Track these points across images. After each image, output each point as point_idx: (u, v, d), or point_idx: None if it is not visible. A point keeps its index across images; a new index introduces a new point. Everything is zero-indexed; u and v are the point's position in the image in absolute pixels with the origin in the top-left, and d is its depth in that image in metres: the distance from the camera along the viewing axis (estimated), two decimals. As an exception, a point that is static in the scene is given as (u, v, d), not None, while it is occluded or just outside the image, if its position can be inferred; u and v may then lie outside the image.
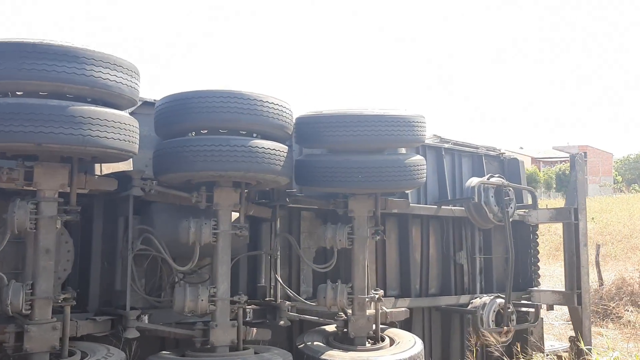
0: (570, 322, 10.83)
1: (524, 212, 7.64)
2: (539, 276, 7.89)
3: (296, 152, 5.47)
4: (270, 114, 4.42)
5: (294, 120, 4.80)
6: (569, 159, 8.03)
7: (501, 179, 7.11)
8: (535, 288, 7.68)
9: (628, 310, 10.37)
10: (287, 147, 4.59)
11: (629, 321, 10.04)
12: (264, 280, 5.54)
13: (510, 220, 7.30)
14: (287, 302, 5.18)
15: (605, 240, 20.70)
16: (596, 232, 22.62)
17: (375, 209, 5.29)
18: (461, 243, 7.41)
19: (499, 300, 6.80)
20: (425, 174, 5.14)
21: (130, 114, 5.20)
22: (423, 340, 6.90)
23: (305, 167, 4.92)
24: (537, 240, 7.92)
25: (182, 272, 4.91)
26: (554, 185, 61.12)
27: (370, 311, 5.25)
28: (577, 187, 7.26)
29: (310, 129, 4.84)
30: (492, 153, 8.02)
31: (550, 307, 7.60)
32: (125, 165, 4.92)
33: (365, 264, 5.19)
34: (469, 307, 6.86)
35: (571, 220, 7.20)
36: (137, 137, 4.11)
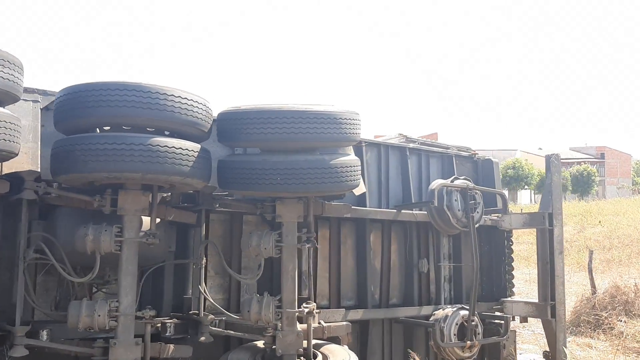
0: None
1: (497, 216, 7.14)
2: (513, 285, 7.36)
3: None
4: (177, 109, 3.98)
5: (211, 117, 4.35)
6: (585, 160, 7.51)
7: (467, 181, 6.60)
8: (508, 298, 7.14)
9: (621, 321, 9.76)
10: (199, 146, 4.14)
11: (621, 332, 9.44)
12: (191, 291, 5.09)
13: (479, 225, 6.81)
14: (211, 316, 4.74)
15: (612, 244, 19.98)
16: (604, 235, 21.89)
17: (307, 214, 4.83)
18: (427, 250, 6.91)
19: (462, 312, 6.29)
20: (359, 177, 4.66)
21: (43, 109, 4.83)
22: (382, 354, 6.46)
23: (225, 169, 4.46)
24: (512, 246, 7.38)
25: (93, 283, 4.53)
26: (570, 187, 60.06)
27: (302, 326, 4.79)
28: (552, 191, 6.74)
29: (229, 126, 4.38)
30: (463, 153, 7.51)
31: (524, 319, 7.06)
32: (32, 166, 4.51)
33: (295, 274, 4.72)
34: (431, 319, 6.35)
35: (545, 226, 6.67)
36: (18, 134, 3.69)
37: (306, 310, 4.69)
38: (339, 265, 6.26)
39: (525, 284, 15.38)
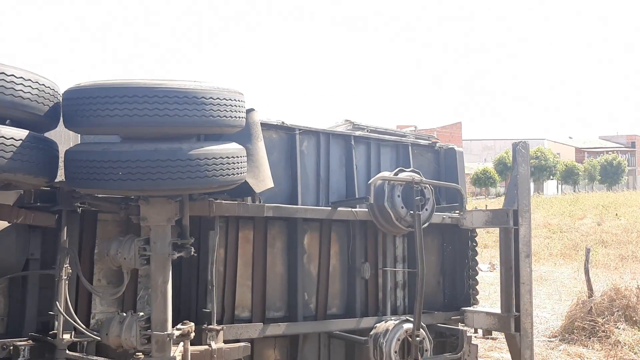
0: (552, 340, 9.29)
1: (459, 214, 6.22)
2: (477, 292, 6.43)
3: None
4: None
5: (52, 98, 3.56)
6: (615, 149, 6.53)
7: (414, 174, 5.68)
8: (470, 308, 6.22)
9: (619, 328, 8.74)
10: (26, 133, 3.35)
11: (618, 341, 8.43)
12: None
13: (436, 223, 5.94)
14: (67, 338, 3.95)
15: (629, 239, 18.78)
16: (622, 229, 20.65)
17: (182, 216, 4.01)
18: (375, 252, 6.03)
19: (407, 325, 5.40)
20: (238, 170, 3.80)
21: None
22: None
23: (68, 161, 3.64)
24: (476, 248, 6.45)
25: None
26: (598, 177, 58.11)
27: (179, 349, 3.97)
28: (519, 184, 5.77)
29: (69, 108, 3.55)
30: (422, 142, 6.59)
31: (488, 332, 6.14)
32: None
33: (166, 289, 3.90)
34: (371, 332, 5.49)
35: (509, 225, 5.73)
36: None
37: (177, 333, 3.86)
38: (265, 272, 5.44)
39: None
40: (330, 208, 5.57)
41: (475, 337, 6.25)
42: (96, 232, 4.61)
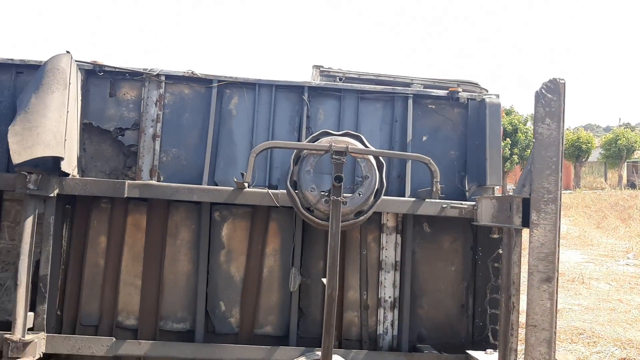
0: None
1: (475, 201, 3.96)
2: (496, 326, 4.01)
3: None
4: None
5: None
6: None
7: (348, 139, 3.60)
8: (475, 353, 3.88)
9: None
10: None
11: None
12: None
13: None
14: None
15: None
16: None
17: None
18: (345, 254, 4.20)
19: (316, 367, 3.54)
20: None
21: None
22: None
23: None
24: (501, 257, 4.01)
25: None
26: None
27: None
28: (535, 155, 3.29)
29: None
30: (436, 92, 4.35)
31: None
32: None
33: None
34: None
35: (512, 225, 3.33)
36: None
37: None
38: (161, 269, 4.17)
39: None
40: (231, 189, 3.97)
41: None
42: None
